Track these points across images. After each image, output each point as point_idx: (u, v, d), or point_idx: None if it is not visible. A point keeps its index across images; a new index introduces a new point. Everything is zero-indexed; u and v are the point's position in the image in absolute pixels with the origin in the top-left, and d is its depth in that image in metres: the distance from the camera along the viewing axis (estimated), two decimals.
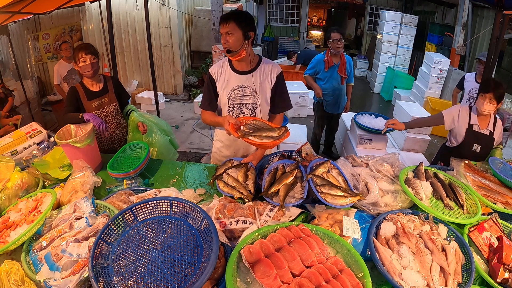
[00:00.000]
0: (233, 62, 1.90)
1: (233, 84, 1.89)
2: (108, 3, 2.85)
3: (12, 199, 1.58)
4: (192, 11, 7.32)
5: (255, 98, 1.92)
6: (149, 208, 1.23)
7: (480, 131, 2.26)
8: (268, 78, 1.91)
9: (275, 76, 1.91)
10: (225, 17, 1.75)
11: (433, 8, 9.05)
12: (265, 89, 1.91)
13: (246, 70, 1.88)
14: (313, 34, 14.38)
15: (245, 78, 1.88)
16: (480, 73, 3.60)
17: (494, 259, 1.27)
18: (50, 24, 6.52)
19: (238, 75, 1.88)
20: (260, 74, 1.89)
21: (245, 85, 1.89)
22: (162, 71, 6.87)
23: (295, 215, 1.42)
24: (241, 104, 1.93)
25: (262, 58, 1.94)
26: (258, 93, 1.90)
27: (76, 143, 1.77)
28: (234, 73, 1.89)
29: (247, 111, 1.95)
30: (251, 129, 1.64)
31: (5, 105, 4.31)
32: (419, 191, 1.55)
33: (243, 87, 1.89)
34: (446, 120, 2.33)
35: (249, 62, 1.87)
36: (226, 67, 1.91)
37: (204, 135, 5.24)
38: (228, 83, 1.89)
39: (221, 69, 1.92)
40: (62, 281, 1.10)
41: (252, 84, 1.89)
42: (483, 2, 4.92)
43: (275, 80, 1.92)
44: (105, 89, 2.27)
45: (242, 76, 1.88)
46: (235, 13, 1.77)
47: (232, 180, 1.66)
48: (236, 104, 1.93)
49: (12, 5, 2.65)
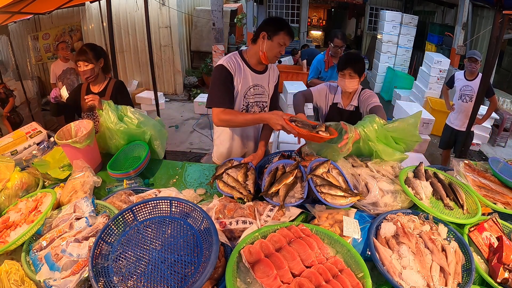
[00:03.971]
0: (249, 61, 1.87)
1: (249, 82, 1.88)
2: (108, 3, 2.84)
3: (12, 199, 1.58)
4: (192, 11, 7.33)
5: (266, 97, 2.00)
6: (149, 208, 1.23)
7: (344, 108, 2.22)
8: (274, 78, 2.03)
9: (277, 77, 2.06)
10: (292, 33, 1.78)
11: (433, 8, 9.06)
12: (272, 89, 2.03)
13: (261, 70, 1.93)
14: (313, 34, 14.38)
15: (260, 78, 1.93)
16: (470, 71, 3.62)
17: (494, 259, 1.27)
18: (50, 24, 6.53)
19: (255, 74, 1.90)
20: (270, 75, 1.99)
21: (259, 84, 1.94)
22: (162, 71, 6.87)
23: (295, 215, 1.42)
24: (254, 102, 1.96)
25: None
26: (268, 92, 2.00)
27: (76, 144, 1.76)
28: (251, 71, 1.89)
29: (257, 109, 2.00)
30: (301, 124, 1.62)
31: (6, 105, 4.32)
32: (419, 191, 1.55)
33: (257, 86, 1.93)
34: (314, 96, 2.29)
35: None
36: (242, 64, 1.86)
37: (204, 135, 5.24)
38: (245, 81, 1.87)
39: (236, 64, 1.83)
40: (62, 281, 1.10)
41: (266, 83, 1.97)
42: (483, 2, 4.92)
43: (277, 81, 2.05)
44: (103, 92, 2.25)
45: (258, 76, 1.92)
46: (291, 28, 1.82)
47: (232, 180, 1.66)
48: (250, 103, 1.94)
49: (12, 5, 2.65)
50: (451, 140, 3.88)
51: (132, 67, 6.88)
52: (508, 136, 5.31)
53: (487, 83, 2.99)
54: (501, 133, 5.26)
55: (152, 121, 2.08)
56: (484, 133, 5.10)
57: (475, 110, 2.91)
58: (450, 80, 3.95)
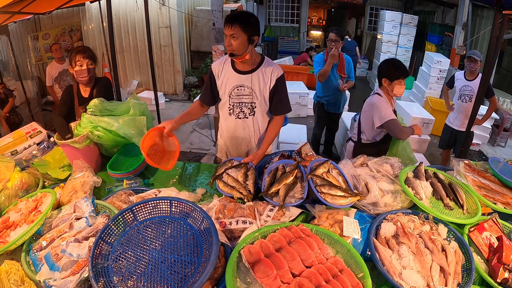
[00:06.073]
0: (235, 62, 1.91)
1: (233, 83, 1.92)
2: (108, 3, 2.84)
3: (12, 199, 1.58)
4: (192, 11, 7.32)
5: (253, 98, 1.94)
6: (149, 208, 1.23)
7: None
8: (267, 80, 1.91)
9: (275, 79, 1.90)
10: (230, 19, 1.72)
11: (433, 8, 9.05)
12: (262, 90, 1.92)
13: (246, 70, 1.90)
14: (313, 34, 14.36)
15: (244, 78, 1.90)
16: (470, 71, 3.61)
17: (494, 259, 1.27)
18: (50, 24, 6.52)
19: (238, 75, 1.90)
20: (259, 75, 1.90)
21: (244, 84, 1.91)
22: (162, 71, 6.87)
23: (295, 215, 1.42)
24: (240, 103, 1.96)
25: (265, 59, 1.94)
26: (256, 93, 1.92)
27: (75, 144, 1.76)
28: (234, 72, 1.91)
29: (246, 109, 1.97)
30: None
31: (6, 106, 4.32)
32: (419, 191, 1.55)
33: (242, 87, 1.91)
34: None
35: (250, 62, 1.88)
36: (227, 66, 1.93)
37: (204, 135, 5.24)
38: (228, 82, 1.92)
39: (222, 66, 1.94)
40: (62, 281, 1.10)
41: (250, 84, 1.90)
42: (483, 2, 4.92)
43: (275, 82, 1.90)
44: (91, 96, 2.16)
45: (242, 76, 1.90)
46: (241, 15, 1.75)
47: (232, 180, 1.66)
48: (236, 103, 1.96)
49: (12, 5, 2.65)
50: (451, 140, 3.87)
51: (132, 67, 6.88)
52: (508, 136, 5.31)
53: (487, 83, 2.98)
54: (501, 133, 5.26)
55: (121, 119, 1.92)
56: (484, 133, 5.10)
57: (474, 110, 2.90)
58: (450, 80, 3.95)
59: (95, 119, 1.86)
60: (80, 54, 2.05)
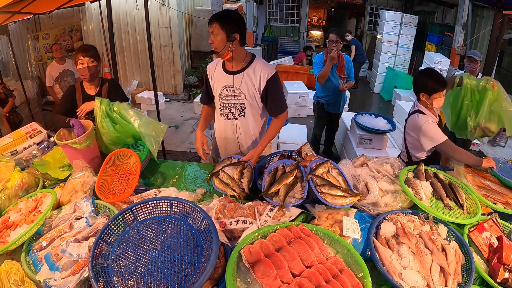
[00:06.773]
0: (225, 62, 1.92)
1: (223, 83, 1.92)
2: (108, 3, 2.84)
3: (12, 199, 1.58)
4: (192, 11, 7.32)
5: (242, 99, 1.91)
6: (149, 208, 1.23)
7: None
8: (256, 80, 1.85)
9: (265, 80, 1.84)
10: (211, 17, 1.76)
11: (433, 8, 9.06)
12: (252, 91, 1.87)
13: (235, 70, 1.88)
14: (313, 34, 14.35)
15: (232, 78, 1.89)
16: (470, 71, 3.60)
17: (494, 259, 1.27)
18: (50, 24, 6.52)
19: (227, 75, 1.90)
20: (247, 76, 1.86)
21: (232, 85, 1.89)
22: (162, 71, 6.86)
23: (295, 215, 1.42)
24: (229, 103, 1.95)
25: (255, 58, 1.89)
26: (245, 94, 1.89)
27: (75, 144, 1.76)
28: (224, 72, 1.91)
29: (236, 110, 1.96)
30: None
31: (6, 106, 4.32)
32: (419, 191, 1.55)
33: (231, 87, 1.90)
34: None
35: (239, 62, 1.87)
36: (219, 66, 1.95)
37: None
38: (219, 82, 1.94)
39: (215, 67, 1.98)
40: (62, 281, 1.10)
41: (238, 84, 1.87)
42: (483, 2, 4.92)
43: (265, 83, 1.84)
44: (99, 94, 2.19)
45: (230, 76, 1.89)
46: (220, 14, 1.78)
47: (227, 178, 1.66)
48: (225, 104, 1.96)
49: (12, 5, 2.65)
50: (451, 140, 3.87)
51: (132, 67, 6.87)
52: (508, 136, 5.31)
53: None
54: (501, 133, 5.25)
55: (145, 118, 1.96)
56: None
57: None
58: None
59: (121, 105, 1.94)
60: (81, 52, 2.09)
